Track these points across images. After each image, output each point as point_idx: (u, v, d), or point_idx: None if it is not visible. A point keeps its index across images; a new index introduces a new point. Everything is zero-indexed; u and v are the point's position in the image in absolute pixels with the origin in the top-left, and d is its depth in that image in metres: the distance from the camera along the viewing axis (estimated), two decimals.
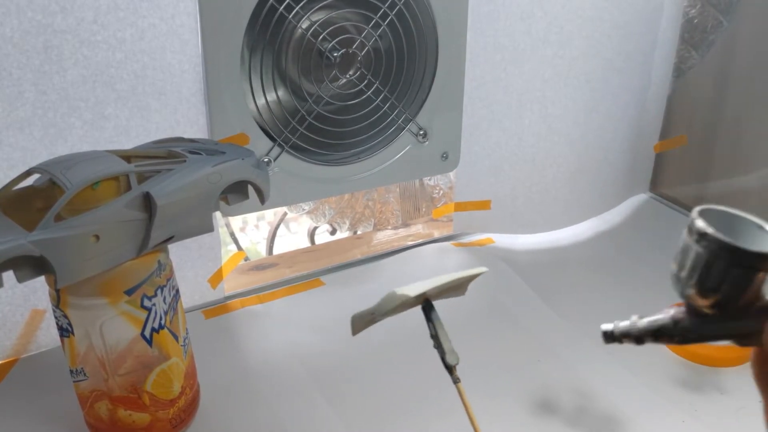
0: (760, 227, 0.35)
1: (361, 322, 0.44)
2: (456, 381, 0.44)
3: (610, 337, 0.44)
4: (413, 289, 0.42)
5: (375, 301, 0.43)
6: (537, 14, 0.71)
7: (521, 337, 0.66)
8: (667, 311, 0.41)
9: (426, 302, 0.44)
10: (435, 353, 0.44)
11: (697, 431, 0.53)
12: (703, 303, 0.37)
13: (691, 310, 0.39)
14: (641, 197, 0.91)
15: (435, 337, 0.44)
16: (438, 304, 0.44)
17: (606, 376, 0.59)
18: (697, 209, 0.35)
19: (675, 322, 0.40)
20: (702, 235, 0.35)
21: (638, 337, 0.42)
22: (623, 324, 0.43)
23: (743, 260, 0.34)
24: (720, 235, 0.34)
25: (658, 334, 0.41)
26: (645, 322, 0.42)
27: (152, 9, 0.55)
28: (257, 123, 0.63)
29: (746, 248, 0.33)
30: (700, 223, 0.35)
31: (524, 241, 0.82)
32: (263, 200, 0.53)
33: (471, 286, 0.46)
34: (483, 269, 0.45)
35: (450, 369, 0.43)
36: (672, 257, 0.39)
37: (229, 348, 0.63)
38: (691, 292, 0.37)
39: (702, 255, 0.35)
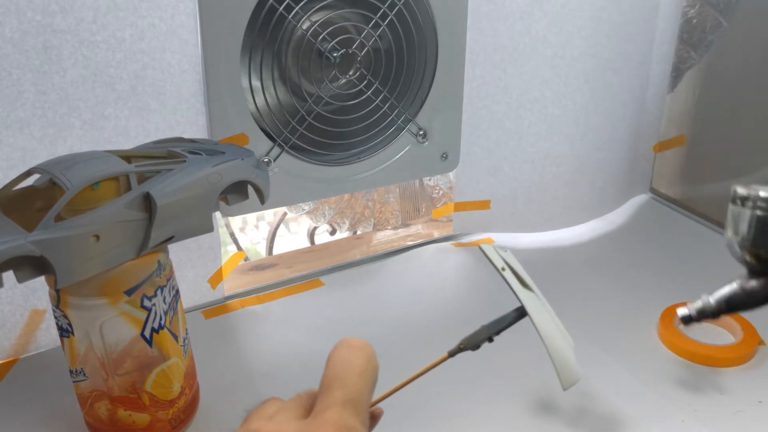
0: None
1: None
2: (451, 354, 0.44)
3: (688, 319, 0.49)
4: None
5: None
6: (537, 14, 0.71)
7: (521, 336, 0.66)
8: (731, 283, 0.47)
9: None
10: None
11: (697, 431, 0.53)
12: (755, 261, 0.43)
13: (752, 271, 0.44)
14: (642, 198, 0.91)
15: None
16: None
17: (606, 376, 0.59)
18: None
19: (742, 287, 0.45)
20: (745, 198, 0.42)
21: (714, 312, 0.47)
22: (697, 305, 0.48)
23: None
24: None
25: (731, 303, 0.46)
26: (716, 296, 0.47)
27: (152, 9, 0.55)
28: (257, 123, 0.63)
29: None
30: (741, 190, 0.42)
31: (524, 241, 0.82)
32: (263, 200, 0.53)
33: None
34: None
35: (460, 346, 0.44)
36: (672, 256, 0.41)
37: (229, 348, 0.63)
38: (748, 253, 0.43)
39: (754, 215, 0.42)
